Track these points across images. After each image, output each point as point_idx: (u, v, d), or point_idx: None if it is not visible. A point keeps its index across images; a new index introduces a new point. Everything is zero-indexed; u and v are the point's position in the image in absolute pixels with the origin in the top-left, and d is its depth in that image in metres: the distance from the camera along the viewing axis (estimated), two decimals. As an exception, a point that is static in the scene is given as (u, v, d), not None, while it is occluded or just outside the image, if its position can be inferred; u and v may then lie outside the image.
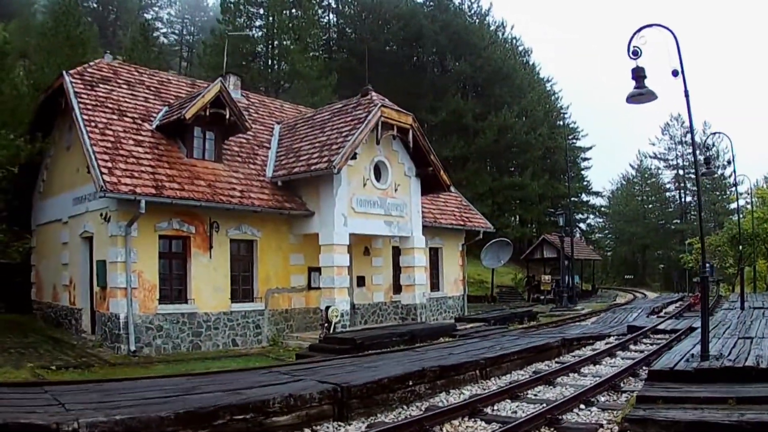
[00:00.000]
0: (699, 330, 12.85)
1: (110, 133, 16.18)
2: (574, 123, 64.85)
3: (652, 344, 13.40)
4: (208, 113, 17.14)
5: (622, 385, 9.14)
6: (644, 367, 10.17)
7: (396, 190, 19.70)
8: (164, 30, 75.62)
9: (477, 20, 58.74)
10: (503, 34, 60.09)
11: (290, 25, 46.61)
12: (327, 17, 60.66)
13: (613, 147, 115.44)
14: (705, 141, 14.75)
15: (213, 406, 6.30)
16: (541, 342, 12.34)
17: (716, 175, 60.53)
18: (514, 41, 60.83)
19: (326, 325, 16.54)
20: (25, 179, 20.52)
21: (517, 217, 51.55)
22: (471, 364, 9.81)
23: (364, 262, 21.13)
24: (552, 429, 6.95)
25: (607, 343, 13.48)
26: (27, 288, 21.11)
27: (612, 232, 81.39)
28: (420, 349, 13.06)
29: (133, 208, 14.68)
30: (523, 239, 50.45)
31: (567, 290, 35.15)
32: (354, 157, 17.66)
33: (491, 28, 59.06)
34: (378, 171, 19.46)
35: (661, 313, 22.08)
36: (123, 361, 14.42)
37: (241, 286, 17.63)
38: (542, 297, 35.05)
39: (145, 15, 73.17)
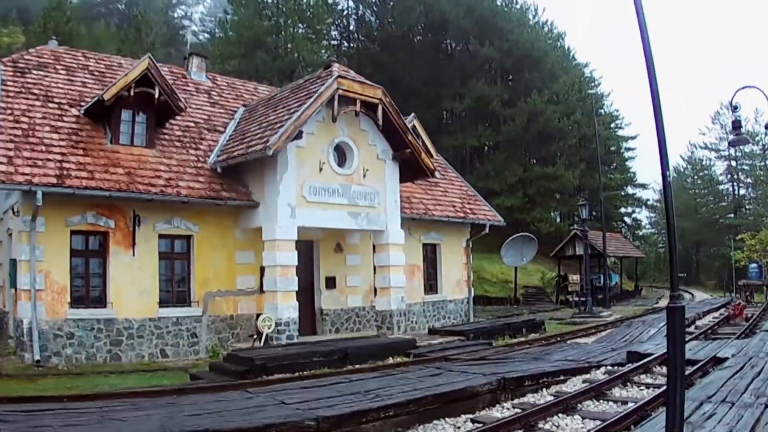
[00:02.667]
0: (723, 366, 9.68)
1: (25, 120, 14.44)
2: (617, 111, 60.29)
3: (643, 388, 9.25)
4: (132, 93, 14.91)
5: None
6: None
7: (365, 175, 16.99)
8: (193, 28, 74.29)
9: (504, 3, 55.16)
10: (534, 18, 56.36)
11: (300, 12, 44.40)
12: (346, 3, 58.18)
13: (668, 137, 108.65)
14: (732, 100, 11.36)
15: None
16: (450, 388, 8.04)
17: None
18: (546, 25, 56.84)
19: (255, 337, 14.00)
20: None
21: (552, 210, 47.76)
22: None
23: (336, 260, 18.44)
24: None
25: (584, 380, 9.76)
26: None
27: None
28: (334, 377, 9.95)
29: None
30: (557, 234, 46.73)
31: (600, 291, 31.80)
32: (299, 136, 15.03)
33: (520, 11, 55.28)
34: (342, 154, 16.84)
35: (691, 328, 18.30)
36: (21, 372, 12.49)
37: (175, 289, 15.32)
38: (570, 299, 31.54)
39: (173, 14, 72.58)
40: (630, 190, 62.59)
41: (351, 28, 59.17)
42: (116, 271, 14.25)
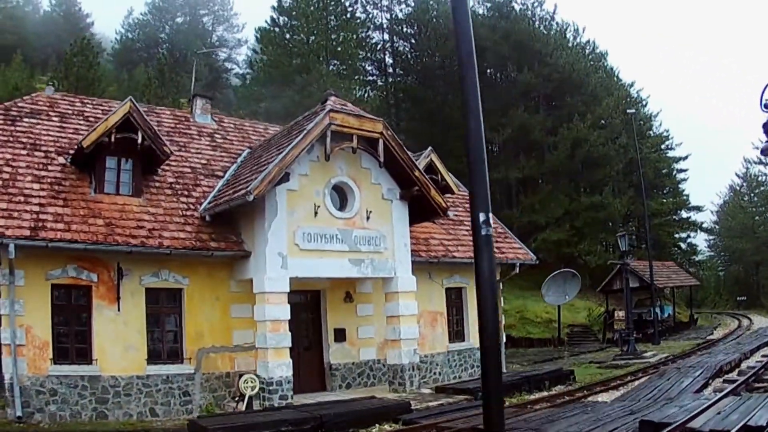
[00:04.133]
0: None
1: (8, 170, 13.99)
2: (667, 131, 57.23)
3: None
4: (113, 139, 14.21)
5: None
6: None
7: (368, 218, 15.80)
8: (237, 70, 74.55)
9: (543, 25, 53.45)
10: (576, 39, 54.37)
11: (329, 48, 44.11)
12: (381, 36, 57.68)
13: (721, 155, 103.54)
14: (763, 96, 9.82)
15: None
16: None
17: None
18: (588, 45, 54.78)
19: (237, 399, 12.82)
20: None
21: (600, 242, 45.22)
22: None
23: (346, 310, 17.15)
24: None
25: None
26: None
27: (723, 250, 71.59)
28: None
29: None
30: (607, 267, 44.13)
31: (650, 326, 29.43)
32: (285, 179, 13.98)
33: (558, 33, 53.36)
34: (342, 195, 15.75)
35: (733, 374, 15.83)
36: (2, 428, 11.97)
37: (165, 345, 14.35)
38: (616, 337, 29.28)
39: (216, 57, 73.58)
40: (684, 213, 58.94)
41: (387, 61, 58.54)
42: (100, 326, 13.43)
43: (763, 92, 10.80)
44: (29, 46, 55.35)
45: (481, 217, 8.20)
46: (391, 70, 58.38)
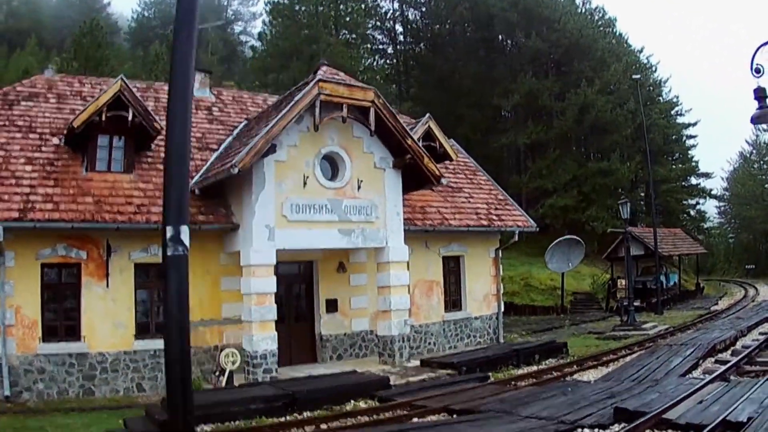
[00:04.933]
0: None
1: (1, 153, 14.26)
2: (676, 97, 56.03)
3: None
4: (104, 118, 14.24)
5: None
6: None
7: (359, 187, 15.70)
8: (252, 43, 73.83)
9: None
10: (584, 4, 53.21)
11: (337, 18, 43.59)
12: (390, 5, 56.94)
13: (732, 121, 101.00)
14: (753, 60, 9.31)
15: None
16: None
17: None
18: (596, 10, 53.66)
19: (217, 373, 12.93)
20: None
21: (608, 207, 44.71)
22: None
23: (338, 281, 17.20)
24: None
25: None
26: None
27: (733, 217, 70.61)
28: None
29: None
30: (615, 233, 43.66)
31: (654, 294, 29.22)
32: (272, 150, 13.90)
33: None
34: (333, 165, 15.67)
35: (726, 353, 15.19)
36: None
37: (153, 320, 14.51)
38: (619, 306, 29.18)
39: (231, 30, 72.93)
40: (693, 180, 58.01)
41: (397, 29, 57.95)
42: (89, 303, 13.67)
43: (753, 57, 10.36)
44: (45, 30, 55.76)
45: (169, 232, 6.41)
46: (401, 38, 57.82)
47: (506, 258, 34.05)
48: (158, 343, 14.04)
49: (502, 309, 21.41)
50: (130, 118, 14.45)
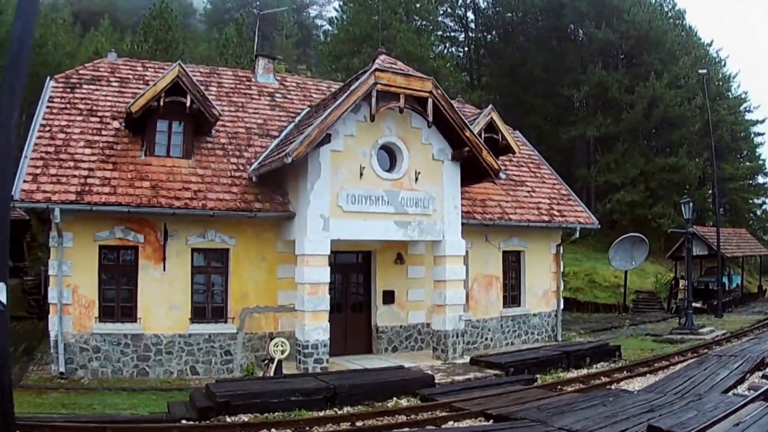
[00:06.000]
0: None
1: (62, 136, 14.47)
2: (745, 93, 52.46)
3: None
4: (162, 103, 14.30)
5: None
6: None
7: (416, 179, 15.29)
8: (326, 27, 73.53)
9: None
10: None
11: (406, 4, 43.09)
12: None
13: None
14: None
15: None
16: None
17: None
18: (666, 2, 50.86)
19: (267, 362, 12.79)
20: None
21: (675, 204, 42.68)
22: None
23: (396, 272, 16.86)
24: None
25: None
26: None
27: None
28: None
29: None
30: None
31: (715, 296, 27.63)
32: (327, 140, 13.66)
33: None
34: (391, 156, 15.31)
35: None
36: (40, 383, 12.60)
37: (210, 304, 14.59)
38: (679, 307, 27.76)
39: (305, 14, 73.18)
40: (760, 179, 54.47)
41: (469, 17, 56.93)
42: (145, 285, 13.84)
43: None
44: (119, 11, 56.75)
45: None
46: (472, 26, 56.77)
47: (572, 253, 33.19)
48: (213, 328, 14.39)
49: (562, 306, 20.68)
50: (188, 104, 14.47)
